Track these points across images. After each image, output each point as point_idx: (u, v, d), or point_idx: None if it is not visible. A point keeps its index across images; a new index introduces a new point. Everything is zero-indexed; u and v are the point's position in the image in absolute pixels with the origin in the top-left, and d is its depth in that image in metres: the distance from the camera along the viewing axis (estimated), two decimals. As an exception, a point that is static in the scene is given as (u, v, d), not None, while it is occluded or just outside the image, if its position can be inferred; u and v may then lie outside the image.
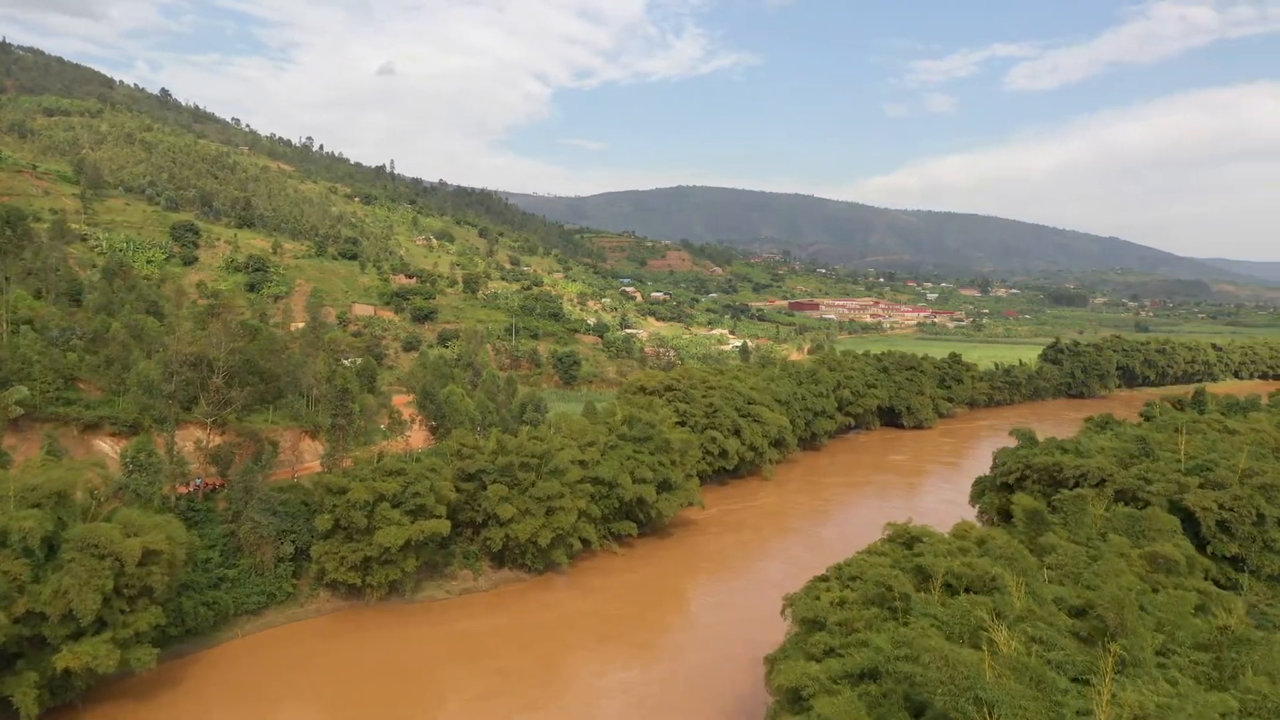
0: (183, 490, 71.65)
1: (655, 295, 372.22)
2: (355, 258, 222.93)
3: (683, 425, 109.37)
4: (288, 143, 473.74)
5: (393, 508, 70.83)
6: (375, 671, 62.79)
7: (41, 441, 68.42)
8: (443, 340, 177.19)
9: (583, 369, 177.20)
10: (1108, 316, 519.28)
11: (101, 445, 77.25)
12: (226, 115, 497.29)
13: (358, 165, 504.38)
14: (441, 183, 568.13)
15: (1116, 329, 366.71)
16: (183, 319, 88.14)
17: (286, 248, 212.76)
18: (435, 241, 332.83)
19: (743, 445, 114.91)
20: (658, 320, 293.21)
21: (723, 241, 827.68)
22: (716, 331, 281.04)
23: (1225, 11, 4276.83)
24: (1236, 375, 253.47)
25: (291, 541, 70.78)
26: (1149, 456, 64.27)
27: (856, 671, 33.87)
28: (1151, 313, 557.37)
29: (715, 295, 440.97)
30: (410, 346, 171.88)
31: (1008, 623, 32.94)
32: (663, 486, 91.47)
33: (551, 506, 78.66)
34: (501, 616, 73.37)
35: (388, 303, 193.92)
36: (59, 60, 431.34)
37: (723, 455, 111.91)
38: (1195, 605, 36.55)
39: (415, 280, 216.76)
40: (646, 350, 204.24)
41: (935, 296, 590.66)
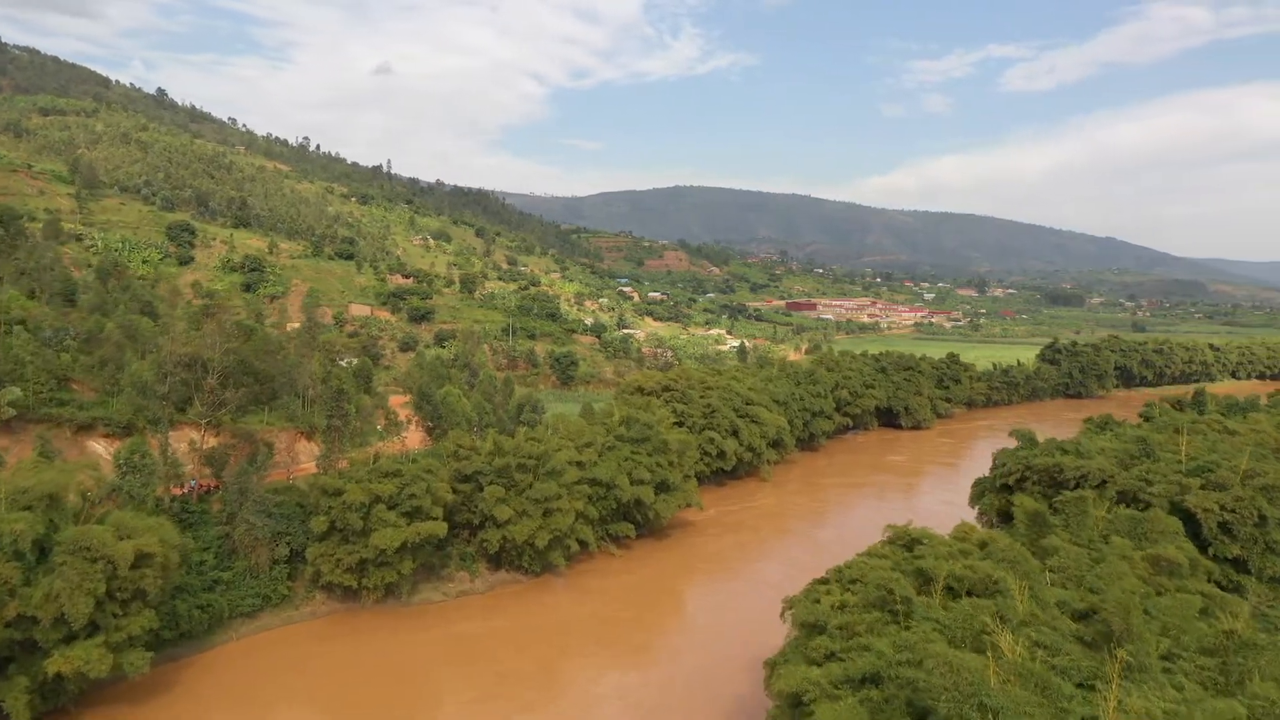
0: (177, 492, 71.06)
1: (652, 295, 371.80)
2: (352, 258, 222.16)
3: (680, 426, 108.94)
4: (284, 142, 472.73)
5: (389, 509, 70.33)
6: (371, 674, 62.29)
7: (34, 443, 67.82)
8: (439, 340, 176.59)
9: (580, 369, 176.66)
10: (1104, 316, 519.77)
11: (95, 446, 76.59)
12: (223, 115, 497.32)
13: (354, 165, 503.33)
14: (438, 183, 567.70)
15: (1113, 329, 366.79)
16: (177, 319, 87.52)
17: (283, 248, 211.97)
18: (432, 241, 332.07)
19: (741, 446, 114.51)
20: (655, 320, 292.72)
21: (720, 241, 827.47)
22: (714, 331, 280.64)
23: (1220, 12, 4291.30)
24: (1234, 375, 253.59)
25: (287, 544, 70.18)
26: (1150, 457, 63.92)
27: (858, 676, 33.40)
28: (1148, 313, 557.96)
29: (712, 295, 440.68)
30: (407, 347, 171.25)
31: (1011, 627, 32.53)
32: (660, 488, 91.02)
33: (549, 508, 78.17)
34: (498, 619, 72.88)
35: (384, 303, 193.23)
36: (55, 60, 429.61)
37: (720, 456, 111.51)
38: (1199, 609, 36.17)
39: (412, 280, 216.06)
40: (644, 350, 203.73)
41: (932, 297, 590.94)
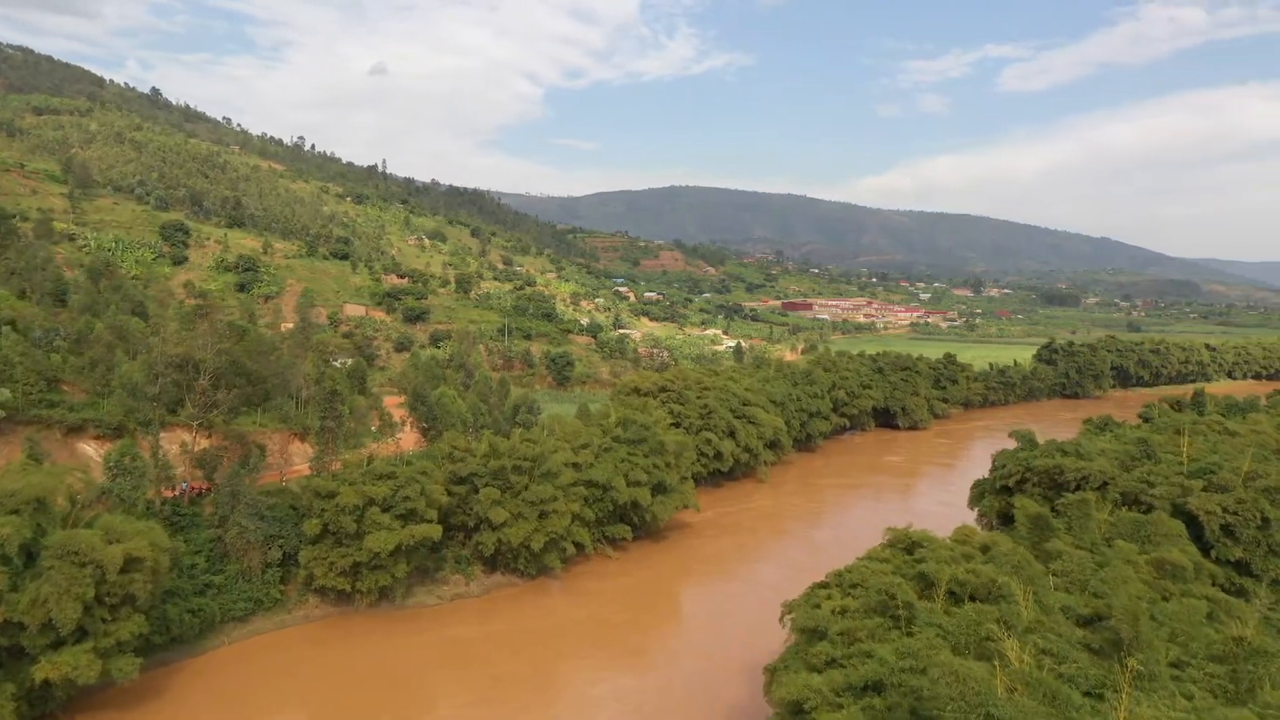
0: (168, 495, 70.28)
1: (649, 295, 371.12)
2: (347, 258, 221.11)
3: (677, 427, 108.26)
4: (279, 142, 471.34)
5: (383, 512, 69.53)
6: (365, 678, 61.58)
7: (23, 445, 66.94)
8: (435, 341, 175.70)
9: (576, 370, 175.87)
10: (1100, 316, 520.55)
11: (85, 448, 75.77)
12: (217, 114, 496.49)
13: (349, 165, 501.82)
14: (434, 182, 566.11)
15: (1109, 329, 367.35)
16: (168, 320, 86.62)
17: (277, 247, 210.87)
18: (427, 241, 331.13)
19: (737, 447, 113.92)
20: (651, 320, 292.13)
21: (716, 241, 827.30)
22: (710, 332, 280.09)
23: (1215, 13, 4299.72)
24: (1230, 375, 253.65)
25: (279, 547, 69.36)
26: (1151, 459, 63.41)
27: (860, 684, 32.75)
28: (1143, 313, 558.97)
29: (709, 295, 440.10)
30: (402, 347, 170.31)
31: (1016, 634, 31.91)
32: (657, 489, 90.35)
33: (544, 510, 77.44)
34: (494, 622, 72.17)
35: (379, 303, 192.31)
36: (49, 59, 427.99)
37: (717, 457, 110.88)
38: (1205, 614, 35.59)
39: (407, 280, 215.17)
40: (640, 351, 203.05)
41: (928, 297, 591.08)
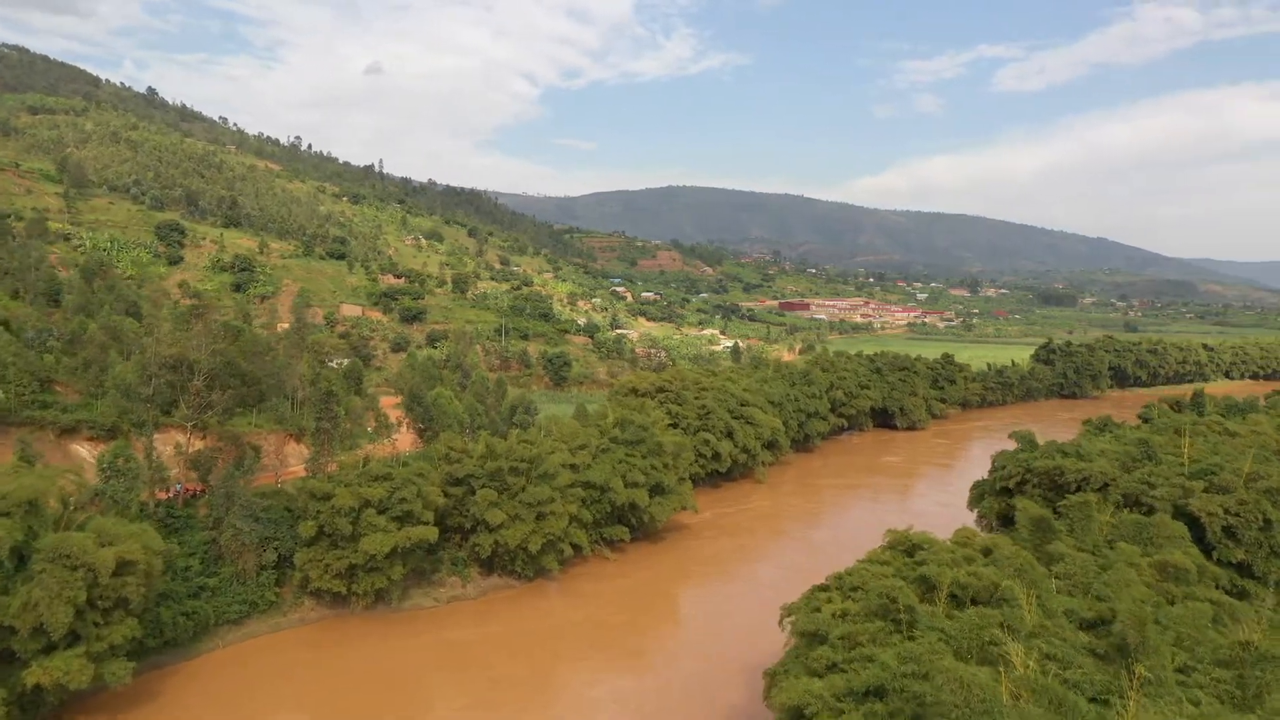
0: (162, 496, 69.69)
1: (646, 295, 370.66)
2: (343, 257, 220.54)
3: (675, 427, 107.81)
4: (275, 142, 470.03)
5: (379, 514, 69.03)
6: (361, 681, 61.07)
7: (14, 446, 66.28)
8: (431, 341, 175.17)
9: (573, 370, 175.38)
10: (1097, 316, 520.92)
11: (79, 450, 75.17)
12: (213, 114, 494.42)
13: (346, 164, 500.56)
14: (430, 182, 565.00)
15: (1106, 329, 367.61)
16: (163, 320, 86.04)
17: (273, 247, 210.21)
18: (424, 241, 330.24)
19: (736, 447, 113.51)
20: (648, 320, 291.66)
21: (713, 241, 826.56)
22: (707, 332, 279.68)
23: (1209, 13, 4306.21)
24: (1227, 375, 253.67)
25: (274, 549, 68.81)
26: (1151, 460, 63.07)
27: (862, 689, 32.30)
28: (1140, 313, 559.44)
29: (706, 295, 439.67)
30: (398, 347, 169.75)
31: (1020, 638, 31.50)
32: (655, 490, 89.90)
33: (542, 512, 76.94)
34: (491, 624, 71.68)
35: (376, 303, 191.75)
36: (44, 58, 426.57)
37: (715, 458, 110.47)
38: (1210, 617, 35.22)
39: (404, 280, 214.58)
40: (637, 351, 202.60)
41: (925, 297, 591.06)
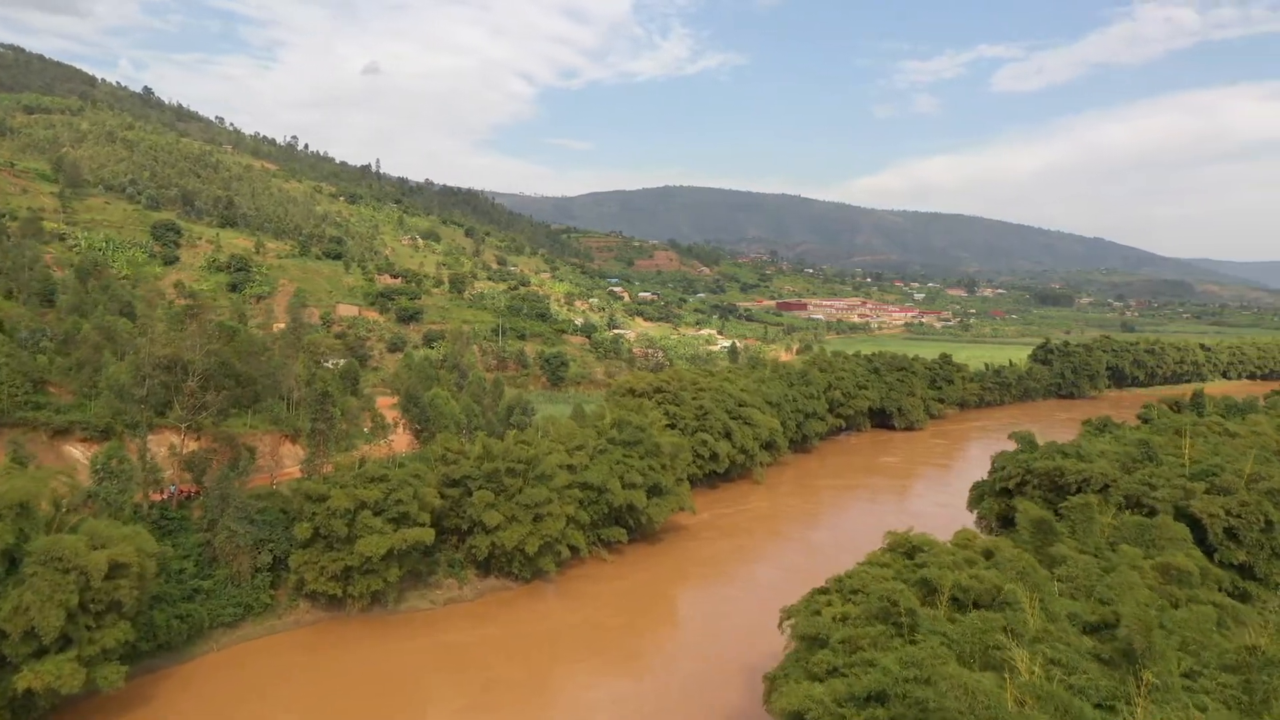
0: (156, 498, 69.18)
1: (643, 295, 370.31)
2: (340, 257, 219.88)
3: (672, 428, 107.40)
4: (272, 141, 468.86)
5: (375, 515, 68.51)
6: (356, 684, 60.55)
7: (7, 447, 65.78)
8: (428, 341, 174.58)
9: (570, 370, 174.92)
10: (1094, 316, 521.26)
11: (72, 451, 74.66)
12: (210, 114, 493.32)
13: (343, 164, 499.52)
14: (427, 182, 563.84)
15: (1103, 329, 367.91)
16: (157, 320, 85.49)
17: (270, 247, 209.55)
18: (421, 241, 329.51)
19: (733, 448, 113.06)
20: (645, 320, 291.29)
21: (710, 241, 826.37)
22: (705, 332, 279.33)
23: (1207, 14, 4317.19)
24: (1225, 375, 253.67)
25: (269, 551, 68.26)
26: (1152, 461, 62.73)
27: (863, 694, 31.88)
28: (1137, 313, 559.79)
29: (703, 295, 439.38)
30: (395, 347, 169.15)
31: (1024, 643, 31.10)
32: (653, 491, 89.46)
33: (539, 513, 76.47)
34: (488, 626, 71.17)
35: (372, 303, 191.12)
36: (40, 58, 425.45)
37: (713, 458, 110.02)
38: (1215, 621, 34.83)
39: (400, 280, 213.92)
40: (635, 351, 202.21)
41: (922, 297, 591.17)
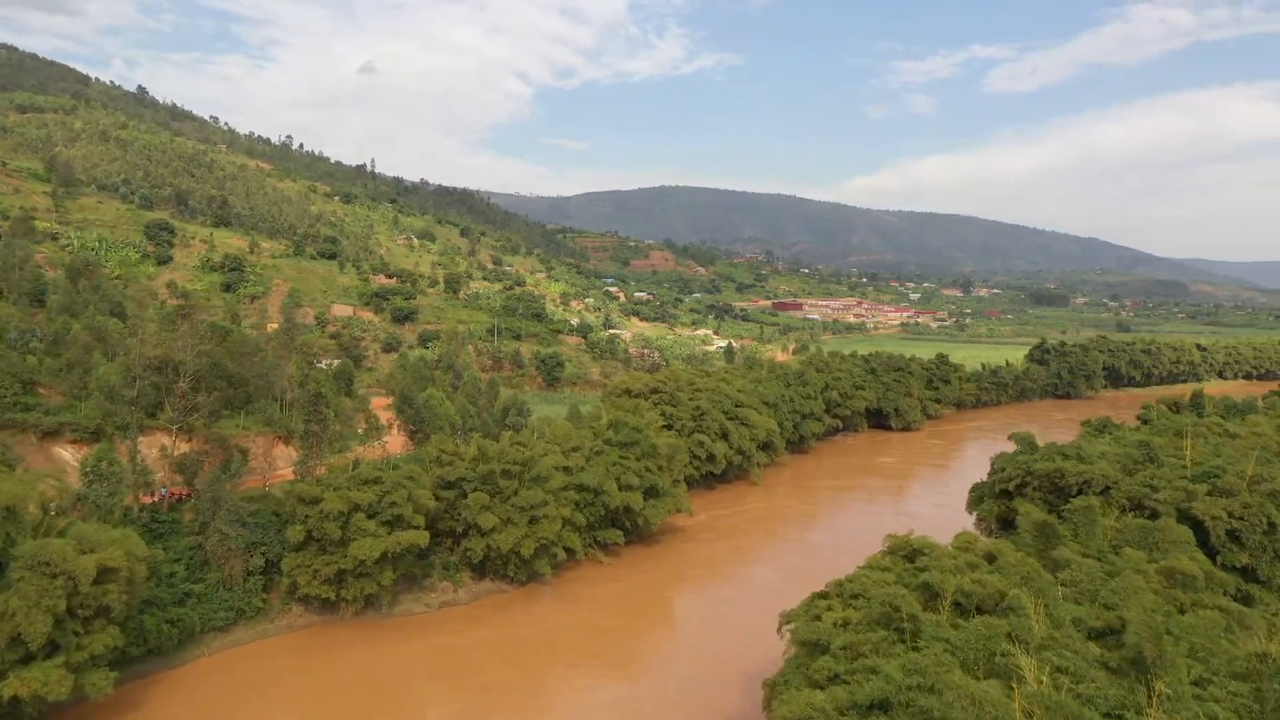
0: (147, 501, 68.30)
1: (639, 295, 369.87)
2: (334, 257, 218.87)
3: (669, 429, 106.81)
4: (267, 141, 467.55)
5: (368, 518, 67.76)
6: (350, 688, 59.83)
7: (-5, 450, 64.85)
8: (423, 341, 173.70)
9: (566, 370, 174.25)
10: (1089, 316, 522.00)
11: (62, 453, 73.75)
12: (205, 113, 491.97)
13: (338, 164, 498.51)
14: (423, 182, 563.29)
15: (1098, 329, 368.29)
16: (148, 320, 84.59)
17: (264, 247, 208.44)
18: (416, 241, 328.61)
19: (730, 449, 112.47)
20: (641, 320, 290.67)
21: (706, 241, 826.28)
22: (701, 332, 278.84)
23: (1201, 14, 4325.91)
24: (1221, 375, 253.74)
25: (262, 554, 67.44)
26: (1153, 462, 62.20)
27: (865, 702, 31.28)
28: (1132, 313, 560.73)
29: (699, 295, 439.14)
30: (390, 348, 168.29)
31: (1029, 650, 30.50)
32: (650, 493, 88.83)
33: (535, 515, 75.77)
34: (483, 629, 70.49)
35: (367, 303, 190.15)
36: (33, 56, 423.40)
37: (710, 459, 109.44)
38: (1223, 627, 34.27)
39: (396, 280, 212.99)
40: (631, 351, 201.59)
41: (918, 297, 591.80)
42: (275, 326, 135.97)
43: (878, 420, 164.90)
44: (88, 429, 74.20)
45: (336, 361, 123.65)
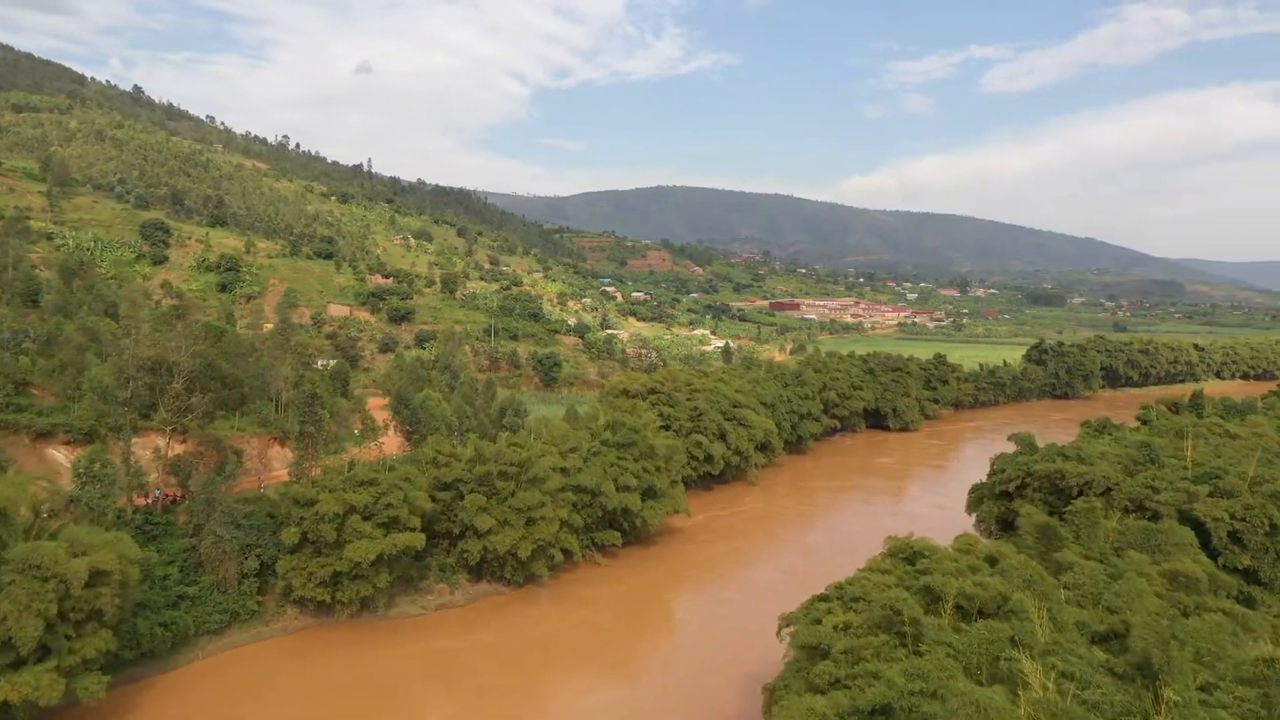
0: (140, 502, 67.69)
1: (636, 295, 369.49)
2: (331, 257, 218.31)
3: (667, 429, 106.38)
4: (263, 141, 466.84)
5: (364, 520, 67.20)
6: (346, 691, 59.31)
7: (-13, 452, 64.28)
8: (420, 341, 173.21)
9: (563, 371, 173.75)
10: (1085, 316, 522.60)
11: (55, 454, 73.07)
12: (201, 113, 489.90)
13: (334, 164, 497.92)
14: (420, 182, 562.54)
15: (1095, 329, 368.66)
16: (142, 321, 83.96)
17: (260, 247, 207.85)
18: (413, 241, 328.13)
19: (728, 449, 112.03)
20: (639, 320, 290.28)
21: (703, 241, 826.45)
22: (698, 332, 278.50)
23: (1196, 14, 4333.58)
24: (1218, 375, 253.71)
25: (256, 556, 66.82)
26: (1154, 463, 61.88)
27: (868, 708, 30.80)
28: (1129, 313, 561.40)
29: (696, 295, 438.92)
30: (387, 348, 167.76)
31: (1033, 655, 30.08)
32: (647, 494, 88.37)
33: (532, 517, 75.29)
34: (480, 632, 69.97)
35: (364, 303, 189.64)
36: (28, 56, 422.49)
37: (708, 460, 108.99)
38: (1229, 631, 33.89)
39: (392, 280, 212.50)
40: (628, 351, 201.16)
41: (915, 296, 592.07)
42: (271, 327, 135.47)
43: (875, 420, 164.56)
44: (81, 430, 73.48)
45: (333, 362, 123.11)
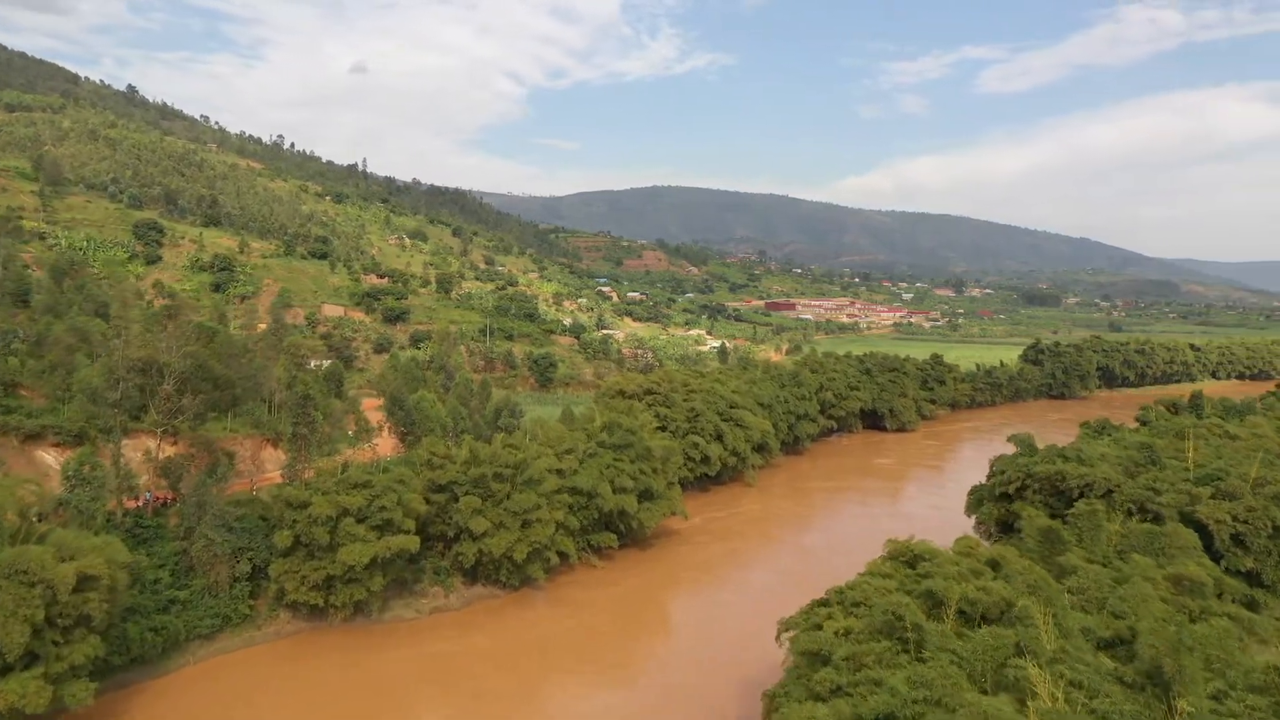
0: (130, 505, 66.82)
1: (631, 295, 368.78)
2: (325, 257, 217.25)
3: (663, 430, 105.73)
4: (257, 140, 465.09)
5: (357, 523, 66.46)
6: (339, 696, 58.70)
7: (-25, 454, 63.38)
8: (415, 342, 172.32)
9: (559, 371, 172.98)
10: (1080, 316, 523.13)
11: (44, 456, 72.14)
12: (195, 113, 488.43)
13: (329, 163, 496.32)
14: (415, 182, 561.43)
15: (1090, 329, 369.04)
16: (132, 321, 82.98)
17: (254, 247, 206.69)
18: (408, 241, 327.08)
19: (725, 450, 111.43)
20: (634, 320, 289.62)
21: (698, 241, 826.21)
22: (694, 332, 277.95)
23: (1192, 15, 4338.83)
24: (1214, 375, 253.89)
25: (248, 560, 66.05)
26: (1155, 465, 61.34)
27: (870, 717, 30.16)
28: (1124, 313, 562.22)
29: (692, 295, 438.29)
30: (381, 348, 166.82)
31: (1040, 663, 29.45)
32: (644, 496, 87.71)
33: (527, 519, 74.61)
34: (475, 635, 69.37)
35: (358, 303, 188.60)
36: (21, 55, 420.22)
37: (705, 461, 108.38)
38: (1237, 636, 33.32)
39: (387, 280, 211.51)
40: (624, 351, 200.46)
41: (910, 297, 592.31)
42: (265, 327, 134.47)
43: (872, 421, 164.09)
44: (70, 432, 72.54)
45: (327, 362, 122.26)
